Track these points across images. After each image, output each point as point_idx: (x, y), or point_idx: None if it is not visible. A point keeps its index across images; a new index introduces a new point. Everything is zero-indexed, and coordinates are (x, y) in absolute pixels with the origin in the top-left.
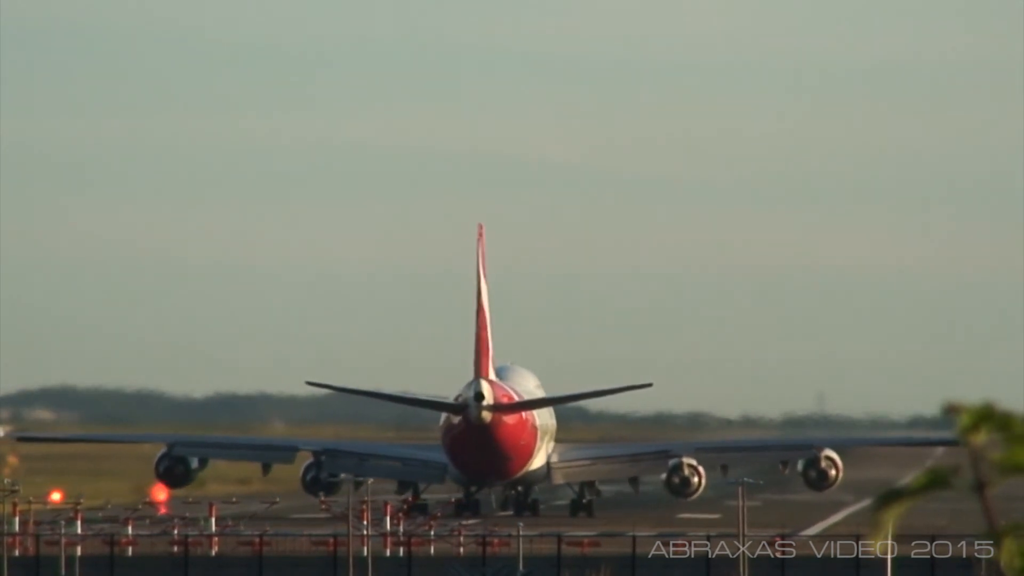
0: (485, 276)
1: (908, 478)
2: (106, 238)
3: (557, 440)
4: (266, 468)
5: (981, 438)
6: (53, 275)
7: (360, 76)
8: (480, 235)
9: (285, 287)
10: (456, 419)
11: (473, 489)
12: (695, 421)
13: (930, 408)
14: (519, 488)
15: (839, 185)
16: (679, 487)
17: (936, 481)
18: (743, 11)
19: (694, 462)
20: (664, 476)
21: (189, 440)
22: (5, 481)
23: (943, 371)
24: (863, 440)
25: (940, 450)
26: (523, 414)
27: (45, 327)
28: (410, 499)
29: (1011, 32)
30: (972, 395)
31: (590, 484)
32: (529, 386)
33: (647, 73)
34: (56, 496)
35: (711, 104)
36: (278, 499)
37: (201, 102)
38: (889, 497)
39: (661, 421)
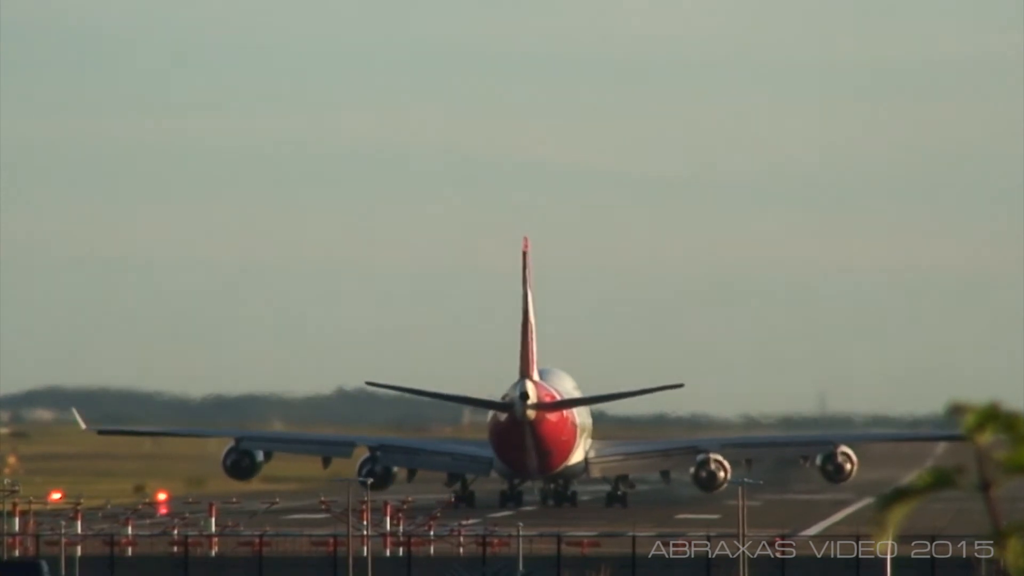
0: (531, 285)
1: (912, 477)
2: (106, 238)
3: (593, 437)
4: (326, 462)
5: (986, 438)
6: (53, 275)
7: (384, 78)
8: (525, 247)
9: (288, 287)
10: (503, 416)
11: (517, 482)
12: (695, 422)
13: (932, 408)
14: (560, 481)
15: (840, 185)
16: (706, 481)
17: (941, 480)
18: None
19: (720, 457)
20: (692, 470)
21: (255, 435)
22: (5, 481)
23: (944, 371)
24: (879, 436)
25: (940, 448)
26: (564, 412)
27: (45, 327)
28: (453, 499)
29: (1011, 32)
30: (973, 396)
31: (624, 478)
32: (567, 387)
33: (664, 74)
34: (56, 496)
35: (714, 104)
36: (278, 499)
37: (212, 102)
38: (893, 496)
39: (662, 422)
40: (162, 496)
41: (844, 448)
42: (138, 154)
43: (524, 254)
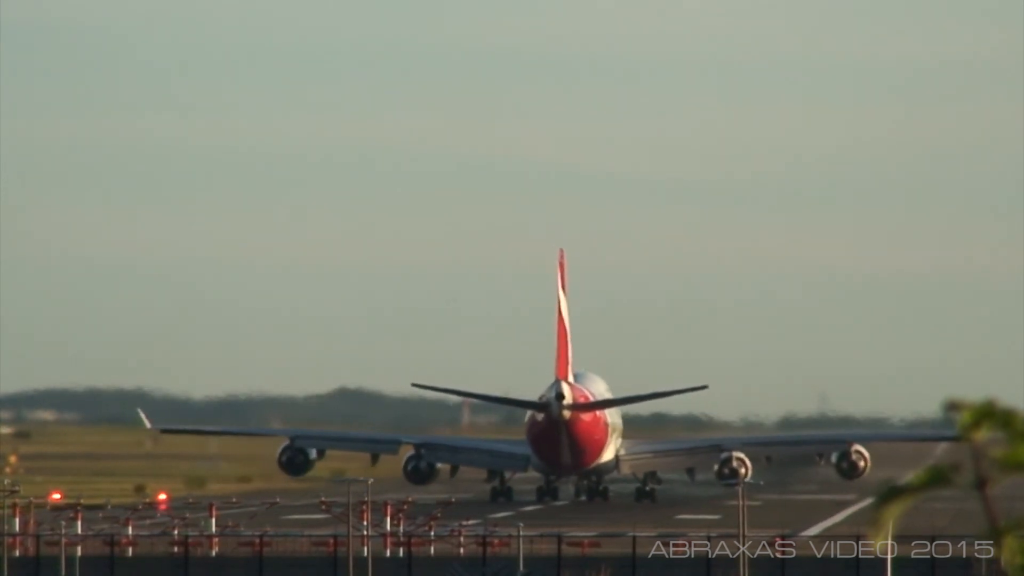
0: (565, 294)
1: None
2: (106, 239)
3: (624, 436)
4: (374, 458)
5: (982, 435)
6: (53, 275)
7: (393, 79)
8: (561, 259)
9: (289, 288)
10: (540, 416)
11: (552, 478)
12: (694, 422)
13: (933, 408)
14: (592, 477)
15: (841, 186)
16: (729, 477)
17: (937, 478)
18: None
19: (742, 455)
20: (716, 467)
21: (309, 434)
22: (5, 481)
23: (944, 372)
24: (895, 435)
25: (940, 448)
26: (597, 412)
27: (45, 328)
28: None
29: (1011, 32)
30: (974, 395)
31: (652, 474)
32: (600, 389)
33: (672, 79)
34: (56, 496)
35: (712, 108)
36: (278, 499)
37: (217, 102)
38: (890, 494)
39: (661, 422)
40: (162, 496)
41: (858, 447)
42: (138, 154)
43: (561, 266)
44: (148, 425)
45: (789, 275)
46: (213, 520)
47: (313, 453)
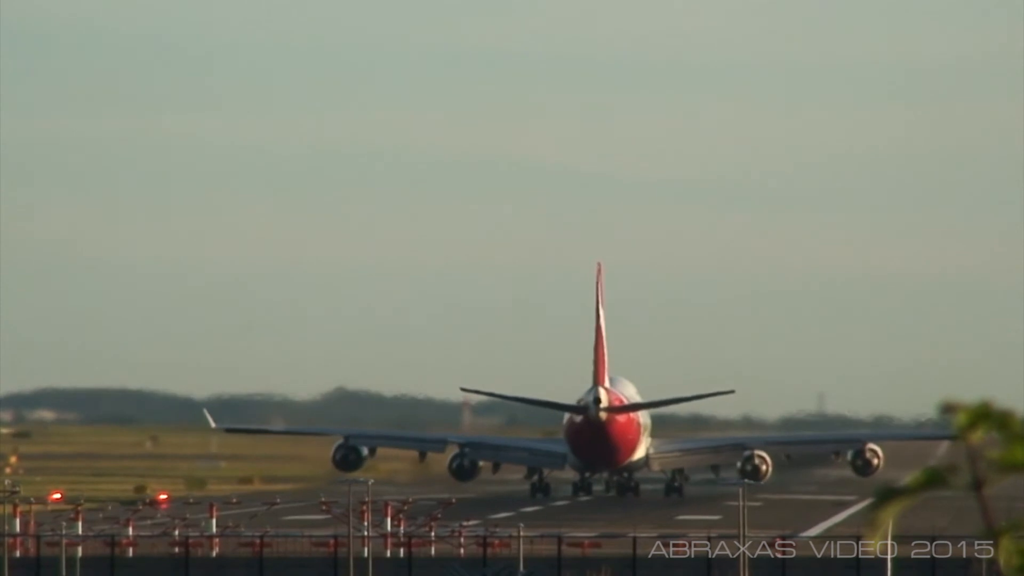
0: (604, 306)
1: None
2: (106, 239)
3: (652, 435)
4: (422, 456)
5: (978, 436)
6: (54, 276)
7: (403, 80)
8: (599, 272)
9: (290, 289)
10: (578, 418)
11: (587, 474)
12: (695, 422)
13: (932, 409)
14: (624, 474)
15: (841, 186)
16: (751, 474)
17: (933, 480)
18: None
19: (764, 453)
20: (739, 465)
21: (361, 433)
22: (5, 482)
23: (945, 372)
24: (903, 435)
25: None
26: (630, 414)
27: (45, 328)
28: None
29: (1012, 32)
30: (974, 395)
31: (680, 471)
32: (630, 392)
33: (672, 80)
34: (56, 496)
35: (707, 103)
36: (278, 499)
37: (227, 102)
38: (887, 496)
39: (663, 422)
40: (162, 496)
41: (872, 445)
42: (138, 154)
43: (597, 279)
44: (213, 425)
45: (787, 275)
46: (213, 520)
47: (365, 451)
